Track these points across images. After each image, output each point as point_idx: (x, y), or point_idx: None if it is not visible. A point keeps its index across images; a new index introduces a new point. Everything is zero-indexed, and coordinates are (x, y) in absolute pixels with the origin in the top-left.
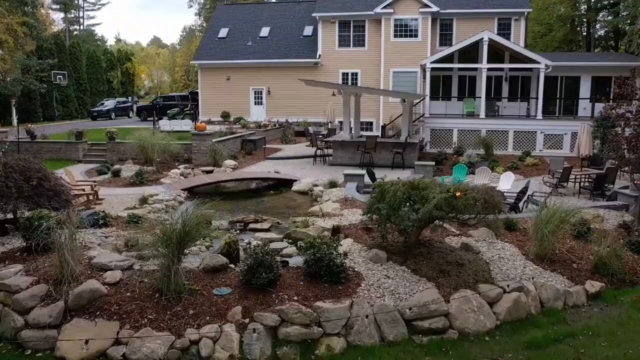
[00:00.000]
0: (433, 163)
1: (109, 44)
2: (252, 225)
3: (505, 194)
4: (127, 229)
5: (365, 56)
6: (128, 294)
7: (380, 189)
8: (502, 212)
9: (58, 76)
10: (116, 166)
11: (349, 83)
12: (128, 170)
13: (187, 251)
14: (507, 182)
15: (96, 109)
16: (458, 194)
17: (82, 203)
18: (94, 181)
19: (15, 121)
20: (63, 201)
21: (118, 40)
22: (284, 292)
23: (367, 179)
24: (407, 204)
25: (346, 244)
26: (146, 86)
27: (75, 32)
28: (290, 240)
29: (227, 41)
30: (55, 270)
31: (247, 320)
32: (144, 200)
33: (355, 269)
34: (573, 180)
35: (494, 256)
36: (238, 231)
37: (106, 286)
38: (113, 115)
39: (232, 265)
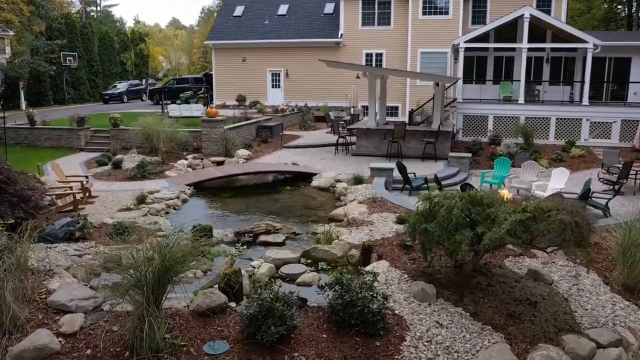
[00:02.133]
0: (469, 155)
1: (127, 26)
2: (262, 238)
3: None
4: (110, 242)
5: (390, 35)
6: (88, 351)
7: (428, 202)
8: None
9: (68, 57)
10: (118, 156)
11: (373, 64)
12: (131, 160)
13: (171, 288)
14: (560, 180)
15: (108, 91)
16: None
17: (67, 204)
18: (86, 176)
19: (23, 105)
20: (31, 208)
21: (137, 22)
22: (300, 352)
23: (396, 173)
24: (467, 225)
25: (381, 269)
26: (164, 68)
27: (92, 14)
28: (309, 261)
29: (242, 20)
30: None
31: None
32: (141, 199)
33: (396, 312)
34: (633, 176)
35: (572, 288)
36: (245, 246)
37: (60, 339)
38: (125, 99)
39: (232, 304)
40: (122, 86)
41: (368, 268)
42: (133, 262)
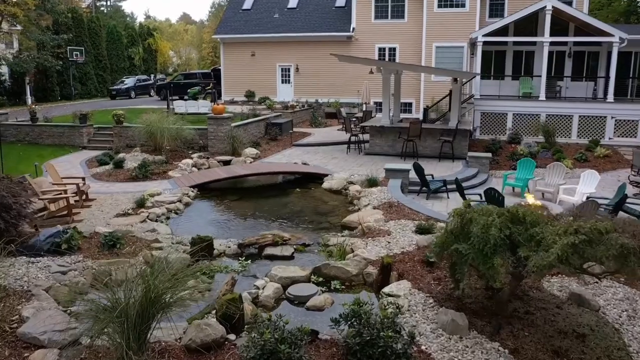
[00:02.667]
0: (489, 155)
1: (138, 22)
2: (269, 250)
3: (589, 198)
4: (101, 255)
5: (404, 29)
6: None
7: (459, 219)
8: None
9: (74, 52)
10: (120, 155)
11: (386, 59)
12: (133, 159)
13: (159, 318)
14: (589, 183)
15: (115, 87)
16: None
17: (61, 209)
18: (83, 178)
19: (29, 100)
20: (13, 218)
21: (147, 17)
22: None
23: (412, 175)
24: (506, 246)
25: (402, 290)
26: (174, 63)
27: (102, 8)
28: (321, 279)
29: (251, 13)
30: None
31: None
32: (140, 203)
33: (423, 348)
34: None
35: (621, 314)
36: (249, 260)
37: None
38: (133, 94)
39: (231, 337)
40: (129, 81)
41: (387, 289)
42: (113, 299)
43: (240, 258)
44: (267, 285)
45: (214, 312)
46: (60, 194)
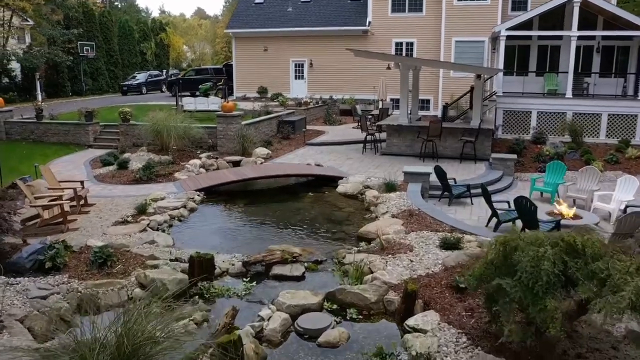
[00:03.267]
0: (514, 156)
1: (153, 17)
2: (277, 270)
3: (628, 207)
4: (89, 274)
5: (422, 23)
6: None
7: (502, 247)
8: None
9: (85, 47)
10: (125, 155)
11: (403, 54)
12: (139, 159)
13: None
14: (628, 190)
15: (126, 82)
16: None
17: (56, 216)
18: (82, 182)
19: (39, 96)
20: None
21: (162, 12)
22: None
23: (433, 178)
24: (560, 283)
25: (429, 324)
26: (188, 58)
27: (116, 3)
28: (335, 306)
29: (264, 7)
30: None
31: None
32: (141, 209)
33: None
34: None
35: None
36: (255, 282)
37: None
38: (144, 90)
39: None
40: (141, 77)
41: (412, 322)
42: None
43: (244, 279)
44: (273, 315)
45: (210, 350)
46: (56, 199)
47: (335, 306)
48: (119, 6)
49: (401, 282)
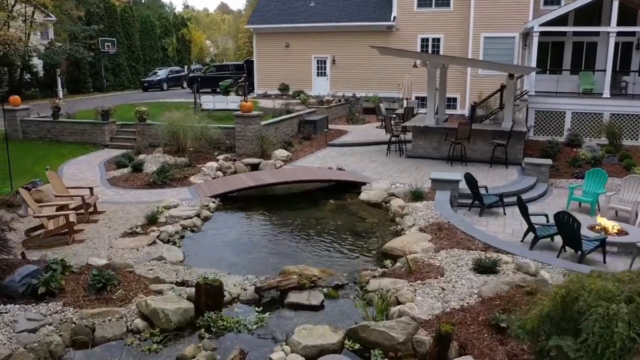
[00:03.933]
0: (549, 161)
1: (176, 12)
2: (293, 297)
3: None
4: (86, 301)
5: (450, 18)
6: None
7: (561, 299)
8: None
9: (106, 43)
10: (140, 156)
11: (429, 50)
12: (154, 161)
13: None
14: None
15: (147, 79)
16: None
17: (61, 227)
18: (91, 188)
19: (60, 92)
20: None
21: (186, 7)
22: None
23: (462, 185)
24: (632, 349)
25: None
26: (212, 53)
27: None
28: (357, 346)
29: (286, 2)
30: None
31: None
32: (152, 219)
33: None
34: None
35: None
36: (268, 313)
37: None
38: (165, 86)
39: None
40: (162, 73)
41: None
42: None
43: (257, 308)
44: (287, 359)
45: None
46: (62, 208)
47: (357, 346)
48: (143, 1)
49: (432, 318)
